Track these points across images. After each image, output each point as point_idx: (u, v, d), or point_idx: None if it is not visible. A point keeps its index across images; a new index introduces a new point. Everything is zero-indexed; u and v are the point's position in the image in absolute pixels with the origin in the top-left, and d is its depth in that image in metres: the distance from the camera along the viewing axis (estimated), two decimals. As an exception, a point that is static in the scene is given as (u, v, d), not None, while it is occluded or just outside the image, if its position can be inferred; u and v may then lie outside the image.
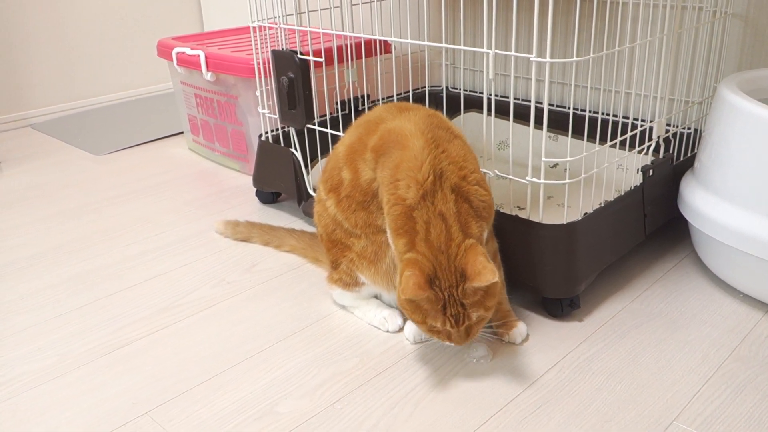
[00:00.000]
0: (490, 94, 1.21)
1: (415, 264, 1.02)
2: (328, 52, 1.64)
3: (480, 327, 1.06)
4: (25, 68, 2.59)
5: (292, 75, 1.52)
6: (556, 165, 1.71)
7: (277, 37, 1.60)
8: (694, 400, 1.04)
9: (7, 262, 1.54)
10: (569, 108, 1.20)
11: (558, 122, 1.74)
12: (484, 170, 1.20)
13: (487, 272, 0.99)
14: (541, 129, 1.16)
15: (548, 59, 1.11)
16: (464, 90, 2.04)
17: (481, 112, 1.30)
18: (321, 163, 1.68)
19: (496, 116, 1.28)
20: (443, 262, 1.02)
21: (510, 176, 1.25)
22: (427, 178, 1.04)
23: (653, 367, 1.11)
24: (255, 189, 1.82)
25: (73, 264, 1.52)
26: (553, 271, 1.22)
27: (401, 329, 1.22)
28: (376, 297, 1.28)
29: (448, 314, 1.02)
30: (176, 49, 1.99)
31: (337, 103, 1.75)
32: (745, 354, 1.14)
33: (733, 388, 1.06)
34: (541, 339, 1.20)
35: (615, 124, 1.50)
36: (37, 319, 1.31)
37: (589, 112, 1.70)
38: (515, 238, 1.24)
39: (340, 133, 1.48)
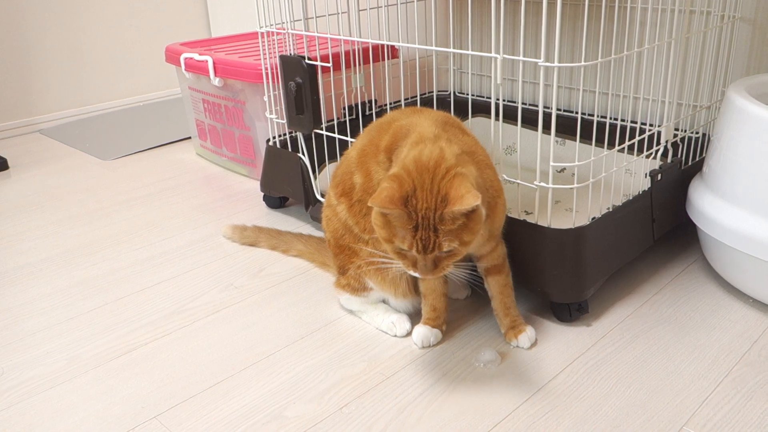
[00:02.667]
0: (498, 99, 1.21)
1: (395, 178, 0.97)
2: (336, 57, 1.64)
3: (451, 262, 1.00)
4: (34, 74, 2.61)
5: (300, 80, 1.52)
6: (563, 169, 1.71)
7: (285, 42, 1.60)
8: (704, 406, 1.03)
9: (17, 267, 1.55)
10: (577, 112, 1.20)
11: (565, 126, 1.74)
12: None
13: (470, 197, 0.93)
14: (549, 133, 1.15)
15: (556, 64, 1.11)
16: (471, 95, 2.04)
17: (489, 117, 1.30)
18: (328, 167, 1.69)
19: (503, 121, 1.28)
20: (426, 181, 0.96)
21: (518, 181, 1.25)
22: (427, 136, 1.02)
23: (662, 372, 1.11)
24: (262, 194, 1.83)
25: (82, 268, 1.53)
26: (561, 275, 1.22)
27: (409, 334, 1.22)
28: (384, 302, 1.28)
29: (418, 237, 0.96)
30: (184, 55, 2.00)
31: (344, 108, 1.75)
32: (755, 359, 1.13)
33: (743, 393, 1.05)
34: (550, 344, 1.19)
35: (623, 128, 1.50)
36: (46, 323, 1.31)
37: (597, 116, 1.70)
38: (523, 242, 1.24)
39: (348, 138, 1.49)
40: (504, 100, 1.93)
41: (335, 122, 1.70)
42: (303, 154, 1.62)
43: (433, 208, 0.95)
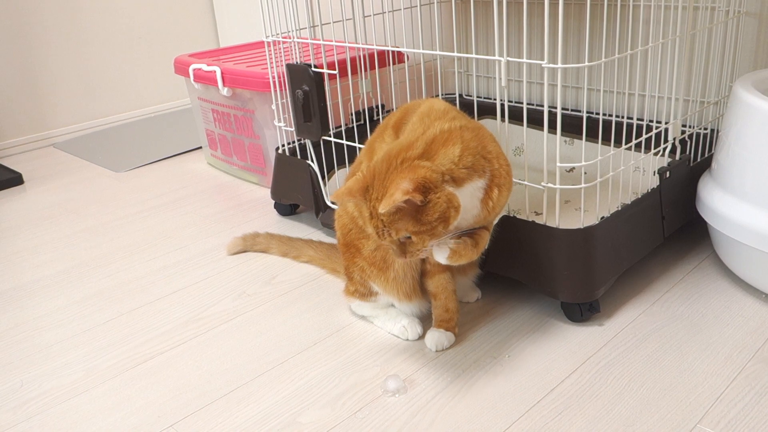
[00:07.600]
0: (504, 101, 1.21)
1: (365, 169, 1.01)
2: (342, 63, 1.66)
3: (417, 248, 1.00)
4: (46, 89, 2.64)
5: (307, 88, 1.54)
6: (572, 169, 1.71)
7: (291, 50, 1.62)
8: (718, 403, 1.03)
9: (33, 280, 1.57)
10: (583, 112, 1.20)
11: (573, 126, 1.74)
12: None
13: (388, 201, 0.93)
14: (556, 134, 1.16)
15: (559, 65, 1.11)
16: (478, 97, 2.04)
17: (496, 119, 1.31)
18: (337, 174, 1.70)
19: (511, 122, 1.29)
20: (382, 171, 0.98)
21: (525, 182, 1.25)
22: (436, 108, 1.05)
23: (675, 370, 1.11)
24: (273, 201, 1.84)
25: (97, 280, 1.54)
26: (571, 275, 1.22)
27: (422, 337, 1.23)
28: (394, 305, 1.28)
29: (373, 224, 1.00)
30: (193, 66, 2.02)
31: (352, 114, 1.76)
32: (769, 355, 1.13)
33: (758, 390, 1.05)
34: (562, 344, 1.19)
35: (630, 126, 1.49)
36: (63, 335, 1.33)
37: (604, 115, 1.69)
38: (533, 243, 1.24)
39: (356, 144, 1.50)
40: (511, 101, 1.94)
41: (343, 128, 1.71)
42: (312, 161, 1.64)
43: (379, 198, 0.98)
